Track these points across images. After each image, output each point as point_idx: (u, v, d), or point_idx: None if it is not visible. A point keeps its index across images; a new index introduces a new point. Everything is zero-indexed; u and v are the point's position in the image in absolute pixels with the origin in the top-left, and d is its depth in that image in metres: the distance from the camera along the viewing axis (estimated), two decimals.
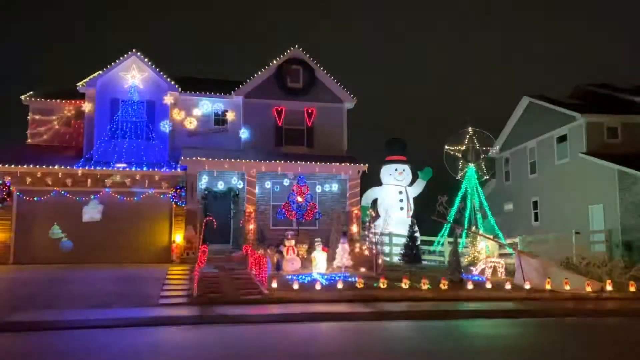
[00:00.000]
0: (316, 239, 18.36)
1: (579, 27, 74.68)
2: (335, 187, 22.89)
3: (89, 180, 19.48)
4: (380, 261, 18.37)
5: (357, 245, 19.77)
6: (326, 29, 77.23)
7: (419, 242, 20.41)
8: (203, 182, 21.63)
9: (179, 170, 20.27)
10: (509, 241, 20.89)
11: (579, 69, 64.12)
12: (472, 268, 17.80)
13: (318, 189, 22.61)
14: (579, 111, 24.21)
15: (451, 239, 18.57)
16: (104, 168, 19.66)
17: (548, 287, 15.37)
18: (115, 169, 19.79)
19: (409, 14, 79.38)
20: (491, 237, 20.13)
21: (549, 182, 26.29)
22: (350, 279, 15.58)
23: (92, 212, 18.82)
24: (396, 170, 25.16)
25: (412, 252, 19.89)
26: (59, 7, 74.56)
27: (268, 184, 22.25)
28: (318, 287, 14.57)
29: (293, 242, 18.09)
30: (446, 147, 21.92)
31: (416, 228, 20.54)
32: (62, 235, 18.47)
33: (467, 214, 21.39)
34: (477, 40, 76.63)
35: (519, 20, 76.91)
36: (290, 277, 15.91)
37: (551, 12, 76.52)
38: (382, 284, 14.85)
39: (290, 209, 20.29)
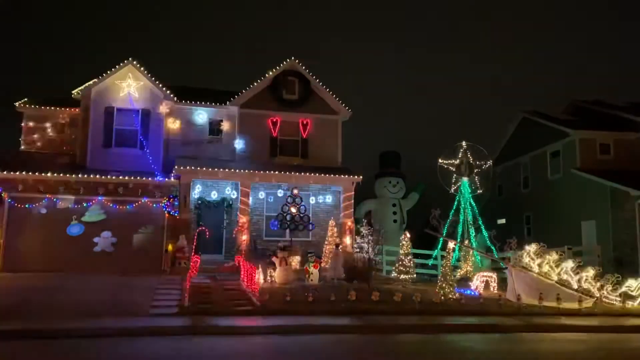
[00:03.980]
0: (309, 251, 18.32)
1: (576, 43, 75.55)
2: (329, 198, 22.88)
3: (82, 188, 19.35)
4: (373, 274, 18.32)
5: (350, 257, 19.70)
6: (322, 40, 77.67)
7: (411, 255, 20.38)
8: (196, 191, 21.56)
9: (172, 179, 20.19)
10: (501, 256, 20.88)
11: (573, 85, 64.70)
12: (469, 283, 17.79)
13: (312, 200, 22.59)
14: (572, 127, 24.42)
15: (444, 253, 18.55)
16: (97, 176, 19.55)
17: (540, 302, 15.37)
18: (109, 177, 19.69)
19: (408, 21, 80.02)
20: (484, 251, 20.14)
21: (541, 197, 26.41)
22: (342, 292, 15.50)
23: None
24: (390, 182, 25.21)
25: (404, 265, 19.83)
26: (57, 15, 74.66)
27: (262, 195, 22.22)
28: (310, 299, 14.50)
29: (286, 253, 18.01)
30: (440, 161, 21.93)
31: (409, 241, 20.51)
32: None
33: (460, 227, 21.39)
34: (475, 50, 77.25)
35: (517, 30, 77.68)
36: (282, 288, 15.82)
37: (548, 25, 77.39)
38: (375, 296, 14.79)
39: (284, 220, 20.26)
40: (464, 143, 21.95)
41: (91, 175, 19.50)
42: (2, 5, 68.45)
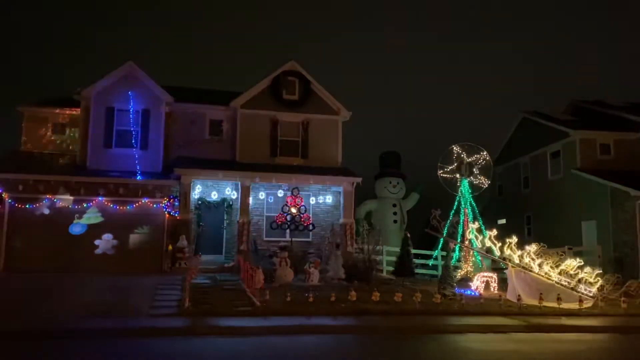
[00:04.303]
0: (309, 251, 18.33)
1: (576, 44, 75.55)
2: (329, 199, 22.88)
3: (82, 188, 19.36)
4: (373, 274, 18.33)
5: (351, 257, 19.72)
6: (322, 42, 77.69)
7: (412, 256, 20.41)
8: (197, 192, 21.56)
9: (172, 179, 20.19)
10: (501, 256, 20.88)
11: (574, 85, 64.73)
12: (470, 283, 17.79)
13: (312, 200, 22.59)
14: (572, 127, 24.43)
15: (444, 253, 18.56)
16: (98, 177, 19.55)
17: (540, 302, 15.37)
18: (109, 177, 19.70)
19: (407, 25, 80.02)
20: (484, 251, 20.13)
21: (542, 197, 26.41)
22: (342, 292, 15.50)
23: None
24: (390, 183, 25.24)
25: (405, 265, 19.88)
26: (57, 15, 74.70)
27: (262, 195, 22.22)
28: (310, 299, 14.50)
29: (286, 253, 18.03)
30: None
31: (410, 241, 20.54)
32: None
33: (460, 228, 21.39)
34: (475, 52, 77.24)
35: (516, 33, 77.68)
36: (282, 289, 15.82)
37: (549, 27, 77.38)
38: (375, 297, 14.78)
39: (284, 220, 20.28)
40: (454, 146, 21.91)
41: (91, 176, 19.50)
42: (3, 5, 68.56)
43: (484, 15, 77.93)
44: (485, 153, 22.00)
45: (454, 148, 21.81)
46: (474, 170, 21.84)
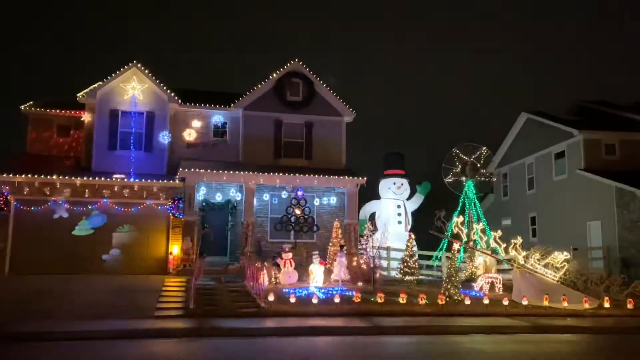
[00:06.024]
0: (314, 252, 18.31)
1: (579, 44, 75.40)
2: (333, 200, 22.88)
3: (87, 190, 19.43)
4: (377, 275, 18.32)
5: (355, 259, 19.70)
6: (326, 42, 77.81)
7: (416, 257, 20.36)
8: (201, 193, 21.61)
9: (177, 181, 20.23)
10: (506, 257, 20.85)
11: (577, 86, 64.57)
12: (473, 284, 17.75)
13: (316, 201, 22.59)
14: (577, 127, 24.34)
15: (449, 254, 18.51)
16: (102, 178, 19.63)
17: (546, 303, 15.32)
18: (114, 179, 19.76)
19: (408, 26, 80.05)
20: (489, 252, 20.09)
21: (547, 198, 26.34)
22: (347, 293, 15.52)
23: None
24: (394, 184, 25.20)
25: (409, 266, 19.83)
26: (60, 18, 75.06)
27: (266, 196, 22.24)
28: (315, 300, 14.51)
29: (290, 254, 18.05)
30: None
31: (414, 242, 20.49)
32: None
33: (465, 228, 21.34)
34: (476, 52, 77.18)
35: (518, 33, 77.59)
36: (287, 290, 15.85)
37: (551, 26, 77.27)
38: (380, 298, 14.79)
39: (289, 222, 20.28)
40: (455, 149, 21.99)
41: (96, 178, 19.57)
42: (7, 7, 68.96)
43: (485, 14, 77.87)
44: (484, 148, 22.08)
45: (455, 151, 21.89)
46: (478, 168, 21.85)
